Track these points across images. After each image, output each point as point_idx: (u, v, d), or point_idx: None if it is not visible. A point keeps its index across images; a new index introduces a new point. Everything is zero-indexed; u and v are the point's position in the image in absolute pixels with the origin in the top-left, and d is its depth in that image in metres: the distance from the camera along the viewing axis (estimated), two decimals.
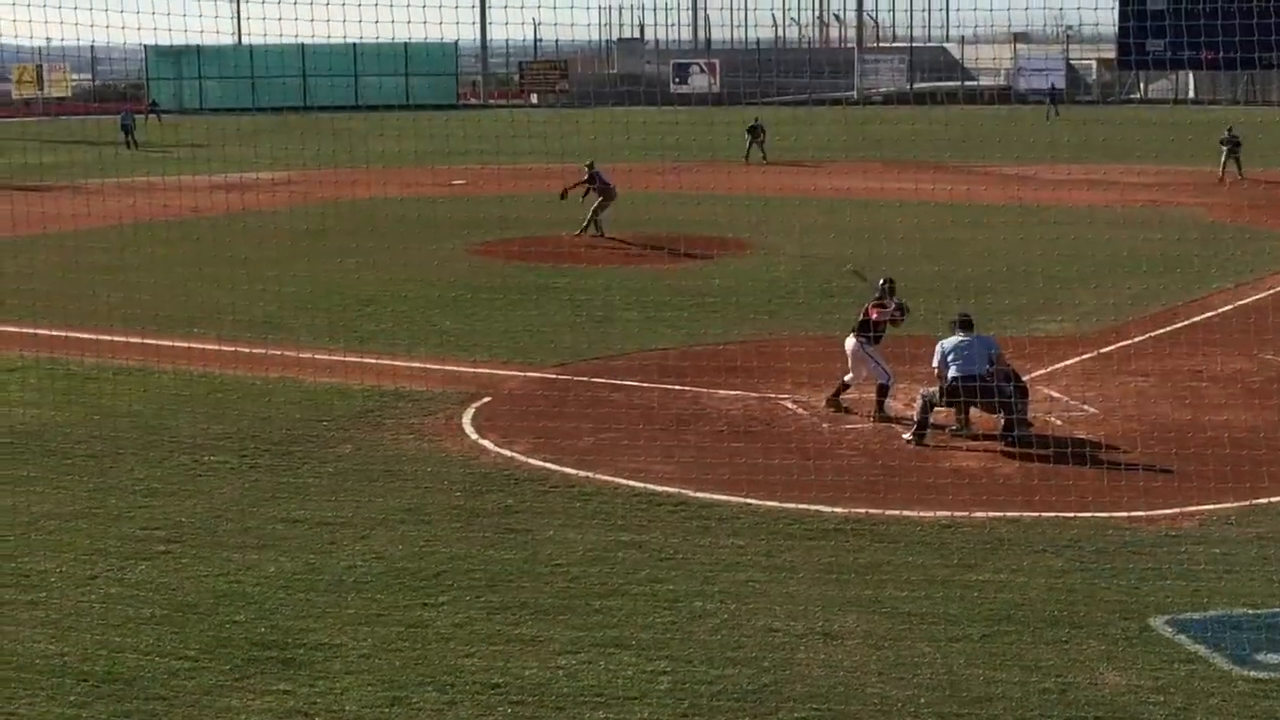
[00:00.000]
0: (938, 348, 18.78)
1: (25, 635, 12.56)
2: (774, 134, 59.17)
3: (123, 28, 19.44)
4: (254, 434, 18.94)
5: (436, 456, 17.96)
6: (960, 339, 18.65)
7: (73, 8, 18.47)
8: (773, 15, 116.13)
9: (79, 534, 15.14)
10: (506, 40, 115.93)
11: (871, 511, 15.70)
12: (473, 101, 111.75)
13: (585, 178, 36.72)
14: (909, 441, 18.45)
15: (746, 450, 17.79)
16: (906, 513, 15.70)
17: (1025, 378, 19.71)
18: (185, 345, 23.69)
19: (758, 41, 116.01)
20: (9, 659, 12.11)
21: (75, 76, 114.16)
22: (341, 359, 22.94)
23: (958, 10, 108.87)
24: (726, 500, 16.08)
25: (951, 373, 18.43)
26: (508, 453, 18.12)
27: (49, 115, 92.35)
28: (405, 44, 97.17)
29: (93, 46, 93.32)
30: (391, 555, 14.45)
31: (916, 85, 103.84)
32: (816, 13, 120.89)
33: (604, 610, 13.02)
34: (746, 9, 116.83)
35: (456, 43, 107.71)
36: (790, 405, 20.04)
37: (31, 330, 24.92)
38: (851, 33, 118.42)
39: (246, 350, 23.42)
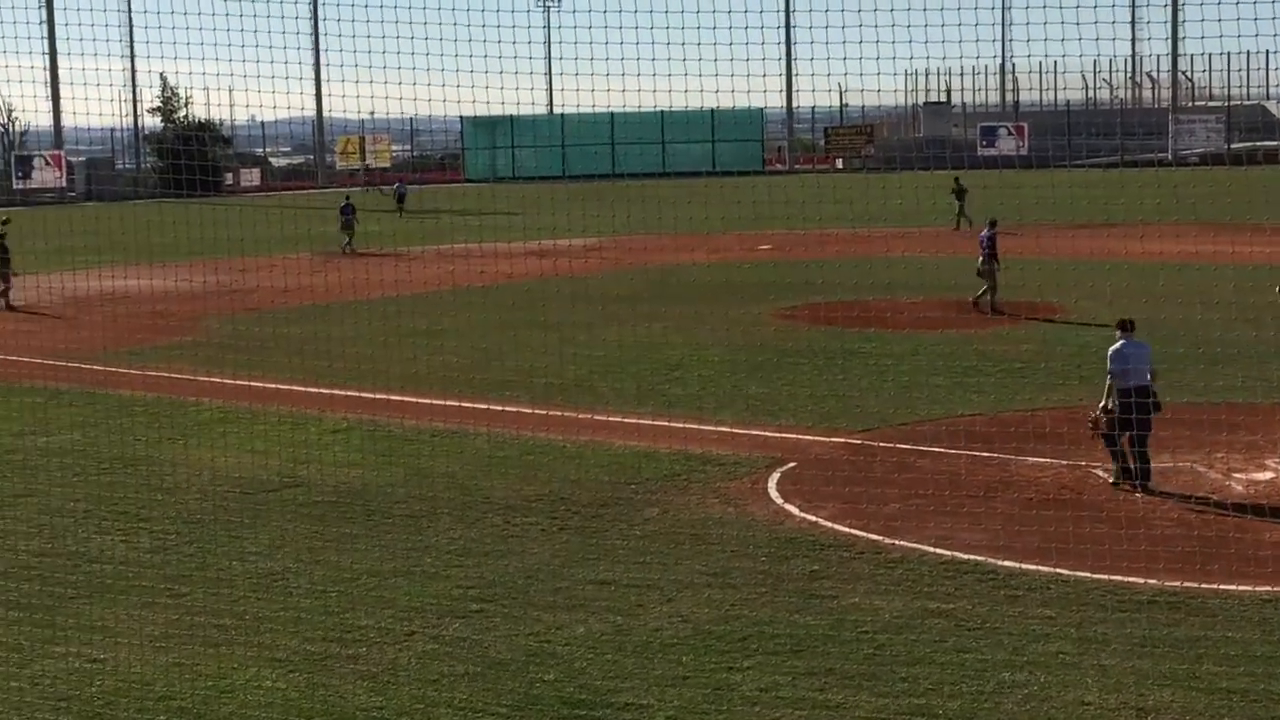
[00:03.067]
0: (1109, 354, 19.27)
1: (346, 689, 12.96)
2: (1084, 196, 57.96)
3: (443, 101, 20.13)
4: (564, 496, 19.27)
5: (742, 521, 18.00)
6: (1124, 342, 19.21)
7: (396, 83, 19.23)
8: (1083, 77, 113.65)
9: (397, 591, 15.58)
10: (813, 106, 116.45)
11: (1187, 585, 15.17)
12: (779, 167, 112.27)
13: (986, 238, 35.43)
14: (1112, 483, 18.95)
15: (1056, 519, 17.39)
16: (1225, 586, 15.12)
17: None
18: (499, 408, 24.26)
19: (1068, 103, 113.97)
20: (330, 711, 12.52)
21: (396, 148, 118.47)
22: (649, 422, 23.20)
23: (1277, 70, 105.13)
24: (1035, 570, 15.73)
25: (1128, 382, 18.92)
26: (813, 518, 18.06)
27: (372, 184, 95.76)
28: (713, 111, 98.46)
29: (413, 119, 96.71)
30: (698, 618, 14.52)
31: (1234, 145, 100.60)
32: (1129, 73, 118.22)
33: (910, 679, 12.85)
34: (1056, 71, 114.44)
35: (763, 109, 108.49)
36: (1102, 474, 19.53)
37: (355, 393, 25.85)
38: (1165, 93, 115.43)
39: (558, 413, 23.86)
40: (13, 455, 22.38)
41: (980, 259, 35.33)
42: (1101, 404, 19.30)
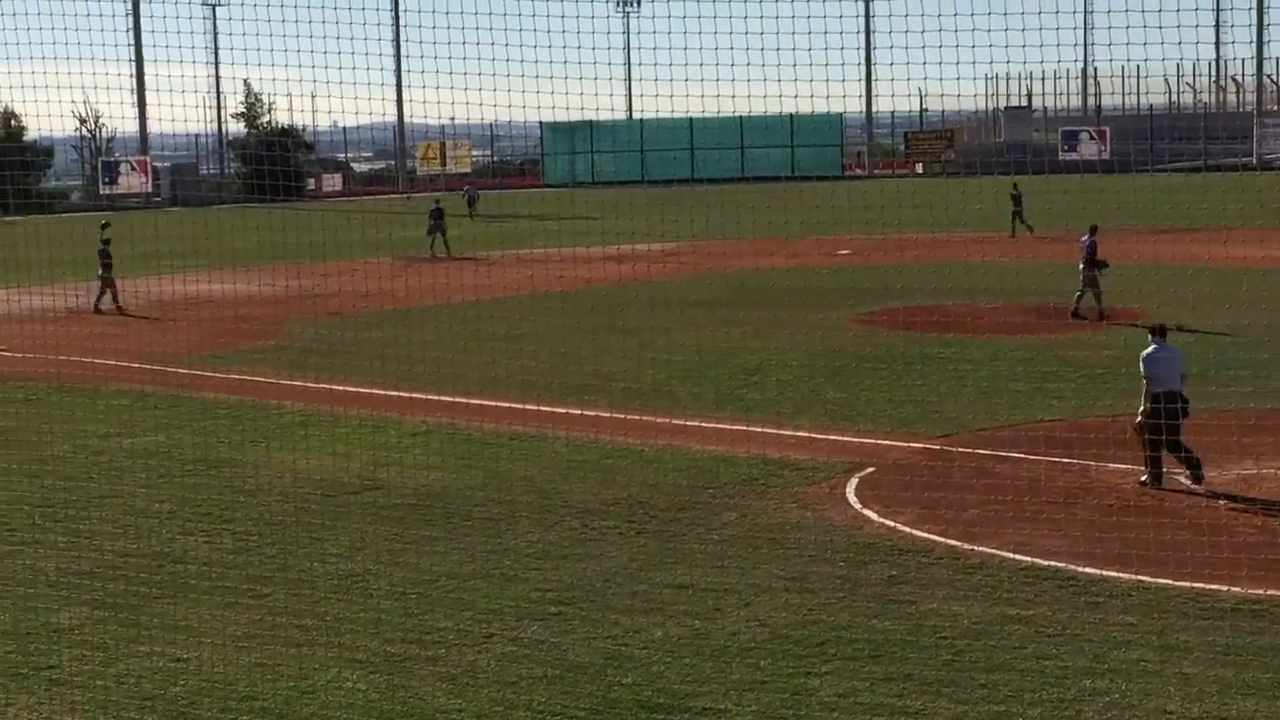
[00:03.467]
0: (1142, 359, 19.55)
1: (426, 690, 13.04)
2: (1166, 201, 57.39)
3: (523, 107, 20.20)
4: (642, 500, 19.29)
5: (820, 526, 17.96)
6: (1156, 347, 19.50)
7: (477, 89, 19.28)
8: (1166, 80, 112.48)
9: (476, 593, 15.65)
10: (892, 111, 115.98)
11: (1271, 593, 15.00)
12: (858, 172, 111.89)
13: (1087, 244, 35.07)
14: (1144, 484, 19.14)
15: (1137, 525, 17.23)
16: None
17: None
18: (577, 412, 24.31)
19: (1150, 107, 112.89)
20: (410, 713, 12.60)
21: (476, 153, 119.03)
22: (727, 427, 23.20)
23: None
24: (1116, 577, 15.59)
25: (1156, 388, 19.21)
26: (891, 523, 18.00)
27: (453, 189, 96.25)
28: (791, 116, 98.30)
29: (493, 125, 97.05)
30: (775, 623, 14.50)
31: None
32: (1213, 77, 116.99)
33: (990, 685, 12.77)
34: (1139, 76, 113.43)
35: (843, 114, 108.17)
36: (1184, 480, 19.34)
37: (435, 397, 26.00)
38: (1250, 97, 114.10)
39: (636, 417, 23.89)
40: (99, 457, 22.66)
41: (1082, 265, 35.02)
42: (1141, 408, 19.54)
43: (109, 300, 41.47)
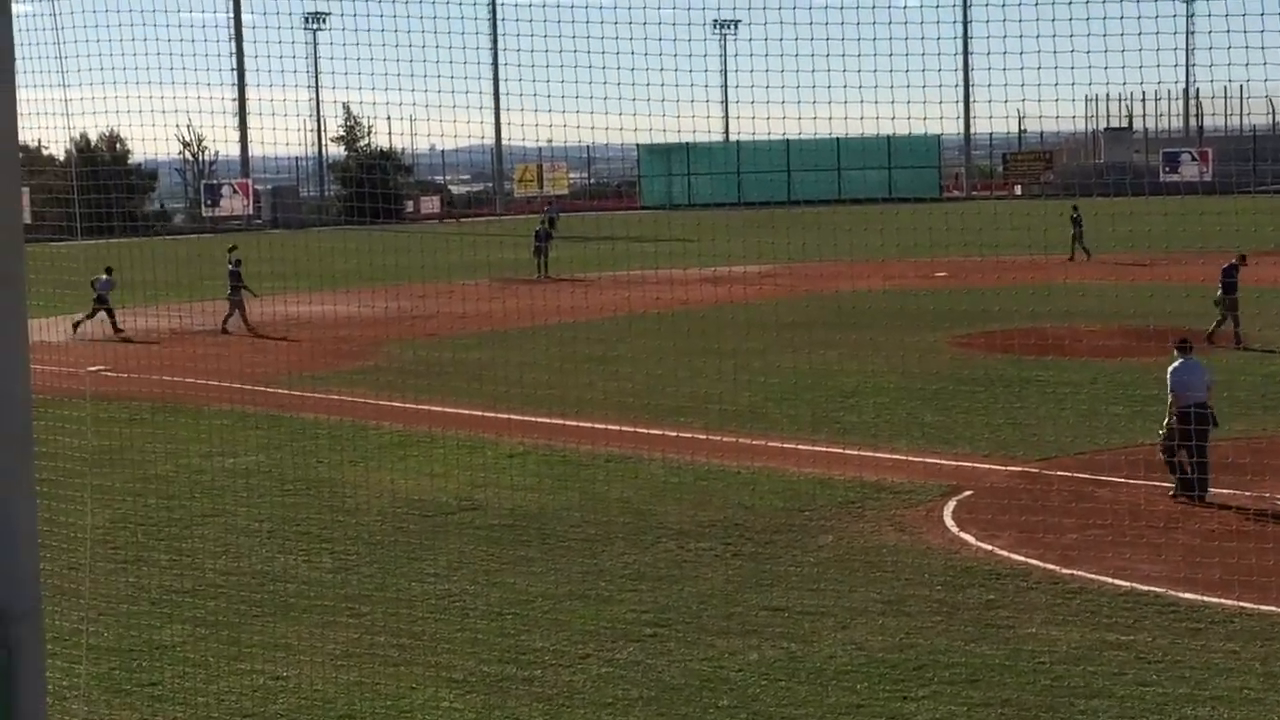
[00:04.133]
0: (1169, 372, 19.98)
1: (522, 711, 13.08)
2: (1268, 224, 56.58)
3: (620, 129, 20.30)
4: (738, 522, 19.28)
5: (917, 549, 17.87)
6: (1181, 362, 19.95)
7: (574, 112, 19.37)
8: (1269, 101, 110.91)
9: (572, 614, 15.69)
10: (990, 133, 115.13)
11: None
12: (956, 194, 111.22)
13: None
14: (1173, 497, 19.44)
15: (1239, 551, 16.97)
16: None
17: None
18: (673, 434, 24.33)
19: (1253, 129, 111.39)
20: None
21: (572, 175, 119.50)
22: (823, 449, 23.14)
23: None
24: (1219, 603, 15.38)
25: (1188, 400, 19.62)
26: (989, 547, 17.86)
27: (536, 212, 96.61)
28: (889, 138, 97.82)
29: (589, 147, 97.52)
30: (871, 646, 14.42)
31: None
32: None
33: (1089, 711, 12.64)
34: (1241, 96, 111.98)
35: (940, 136, 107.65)
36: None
37: (531, 418, 26.12)
38: None
39: (731, 439, 23.87)
40: (201, 476, 22.96)
41: (1220, 289, 34.59)
42: (1165, 421, 19.89)
43: (238, 321, 42.05)
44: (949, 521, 19.07)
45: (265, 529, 19.58)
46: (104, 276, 40.78)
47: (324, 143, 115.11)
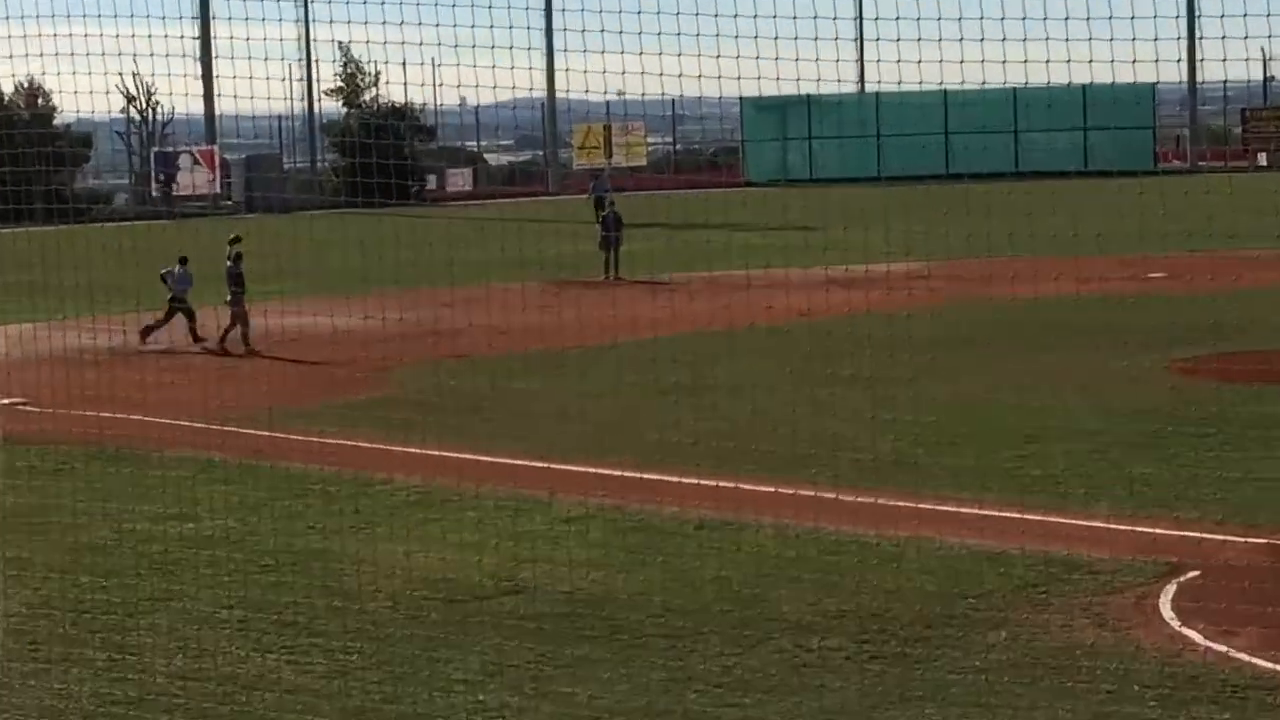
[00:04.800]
0: None
1: None
2: None
3: (717, 77, 20.12)
4: (876, 612, 19.22)
5: (1123, 650, 17.76)
6: None
7: (655, 53, 19.30)
8: None
9: None
10: (1224, 81, 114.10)
11: None
12: (1176, 164, 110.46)
13: None
14: None
15: None
16: None
17: None
18: (789, 492, 24.24)
19: None
20: None
21: (652, 139, 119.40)
22: (994, 513, 23.04)
23: None
24: None
25: None
26: (1223, 648, 17.74)
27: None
28: (1084, 88, 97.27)
29: (674, 101, 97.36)
30: None
31: None
32: None
33: None
34: None
35: (1154, 85, 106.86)
36: None
37: (596, 470, 26.15)
38: None
39: (869, 500, 23.77)
40: (150, 546, 23.08)
41: None
42: None
43: (237, 337, 42.52)
44: (1167, 613, 18.95)
45: (236, 618, 19.68)
46: (178, 268, 41.43)
47: (315, 96, 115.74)
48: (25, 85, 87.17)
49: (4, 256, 36.88)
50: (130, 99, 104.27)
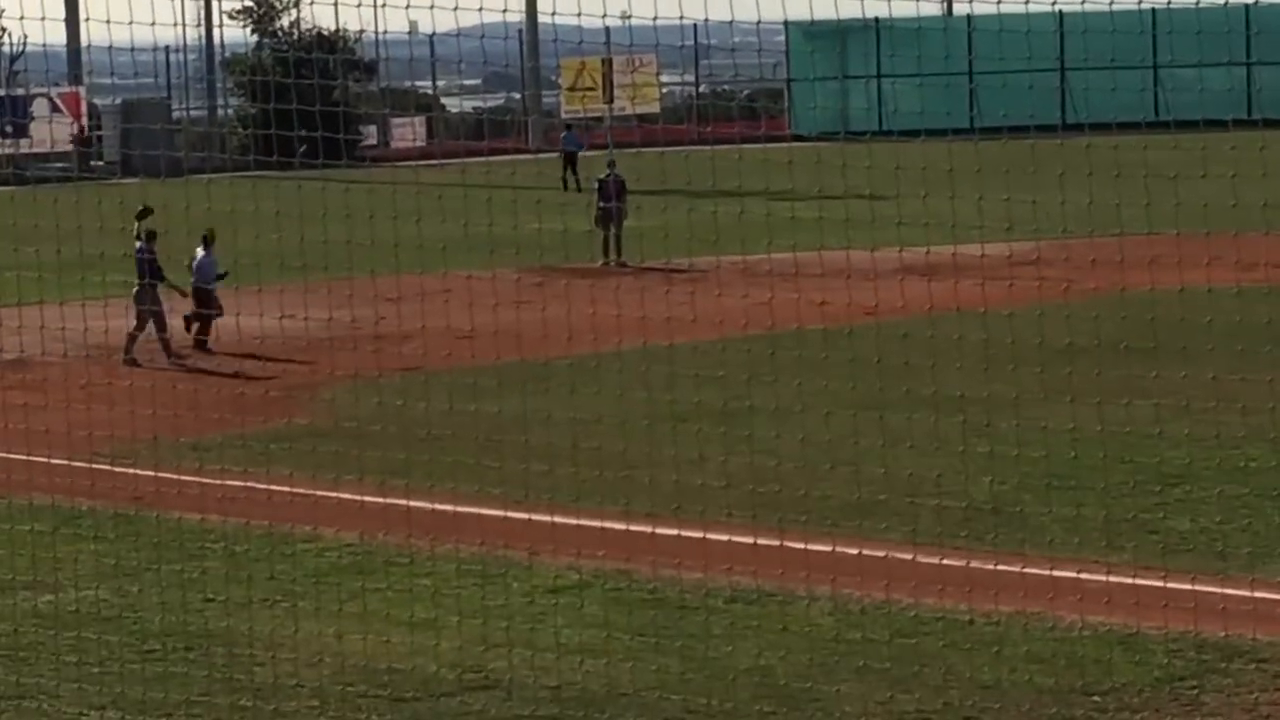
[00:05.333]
0: None
1: None
2: None
3: None
4: (969, 716, 19.24)
5: None
6: None
7: None
8: None
9: None
10: None
11: None
12: None
13: None
14: None
15: None
16: None
17: None
18: (852, 552, 24.26)
19: None
20: None
21: (667, 78, 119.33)
22: (1128, 581, 23.06)
23: None
24: None
25: None
26: None
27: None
28: (1246, 7, 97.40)
29: (697, 27, 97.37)
30: None
31: None
32: None
33: None
34: None
35: None
36: None
37: (591, 522, 26.13)
38: None
39: (958, 564, 23.81)
40: None
41: None
42: None
43: (148, 340, 42.87)
44: None
45: None
46: (200, 252, 41.73)
47: (214, 23, 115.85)
48: None
49: None
50: None
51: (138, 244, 43.65)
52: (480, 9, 21.58)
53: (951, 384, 33.53)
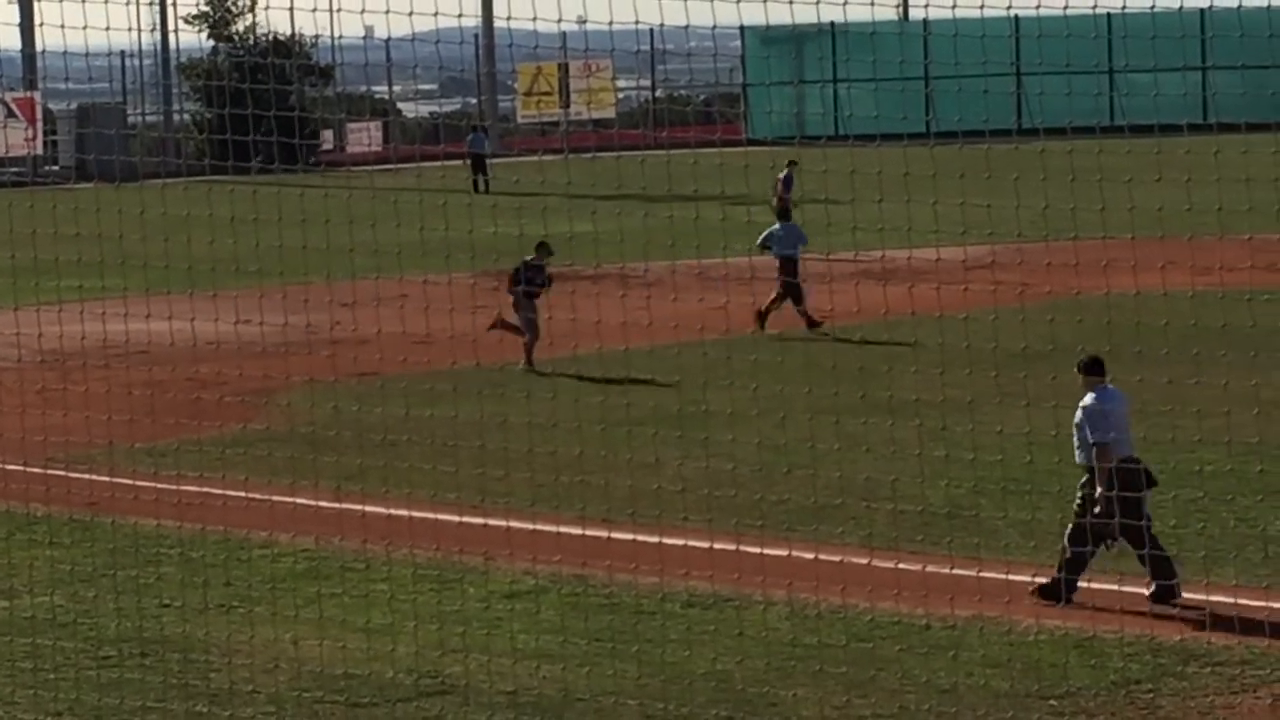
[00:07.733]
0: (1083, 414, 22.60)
1: None
2: None
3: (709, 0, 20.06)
4: (924, 718, 19.25)
5: None
6: (1095, 395, 23.42)
7: None
8: None
9: None
10: None
11: None
12: None
13: None
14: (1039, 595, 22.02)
15: None
16: None
17: None
18: (808, 556, 24.28)
19: None
20: None
21: (623, 83, 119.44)
22: (1083, 585, 23.08)
23: None
24: None
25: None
26: None
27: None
28: (1202, 12, 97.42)
29: (653, 32, 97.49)
30: None
31: None
32: None
33: None
34: None
35: None
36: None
37: (549, 527, 26.12)
38: None
39: (913, 567, 23.82)
40: None
41: None
42: (1099, 491, 21.94)
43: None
44: None
45: None
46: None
47: (170, 27, 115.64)
48: None
49: None
50: None
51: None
52: (436, 14, 21.63)
53: (907, 388, 33.62)
